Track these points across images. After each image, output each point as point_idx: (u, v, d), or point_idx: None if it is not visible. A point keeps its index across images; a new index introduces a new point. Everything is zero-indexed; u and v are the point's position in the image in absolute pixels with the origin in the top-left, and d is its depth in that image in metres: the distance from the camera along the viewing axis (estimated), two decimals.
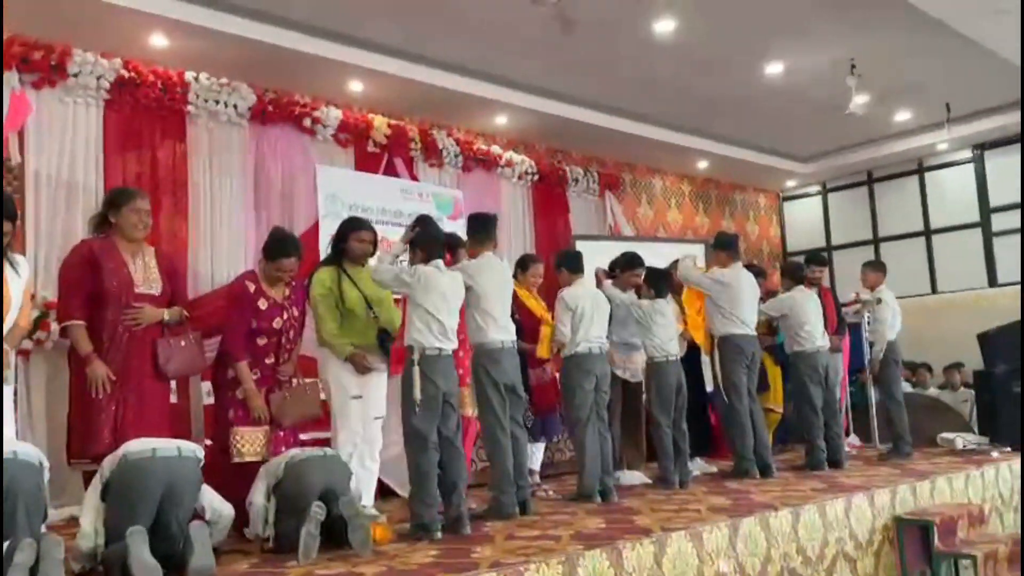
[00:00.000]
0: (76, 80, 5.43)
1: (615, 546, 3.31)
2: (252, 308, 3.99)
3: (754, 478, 5.31)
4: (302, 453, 3.68)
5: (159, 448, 3.12)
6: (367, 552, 3.35)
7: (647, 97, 7.78)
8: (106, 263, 3.73)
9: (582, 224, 8.57)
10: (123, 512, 3.07)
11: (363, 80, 6.67)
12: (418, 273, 3.87)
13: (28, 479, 2.82)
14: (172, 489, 3.12)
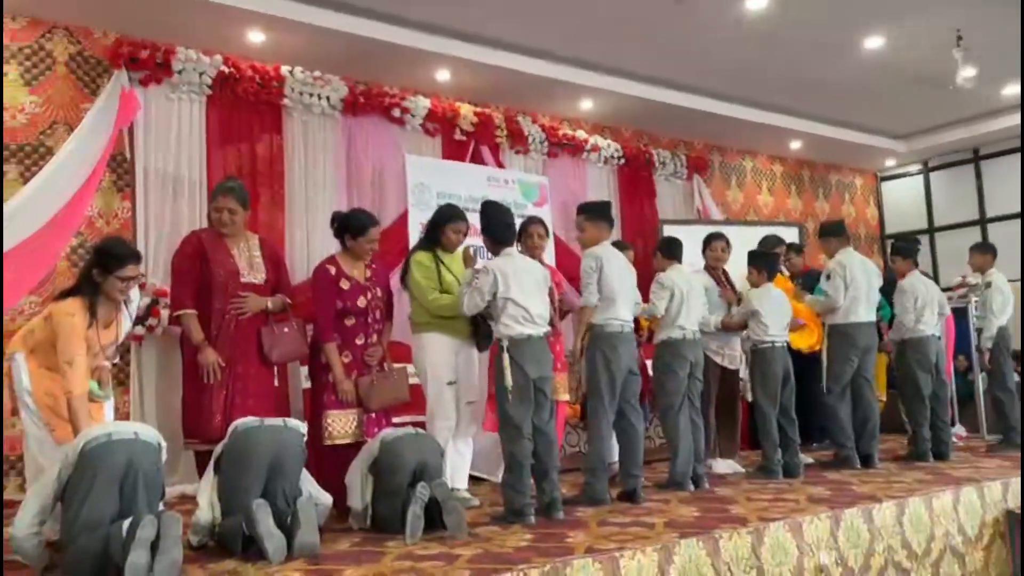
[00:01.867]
0: (180, 77, 5.67)
1: (711, 535, 3.28)
2: (336, 289, 4.10)
3: (855, 468, 5.15)
4: (396, 432, 3.77)
5: (266, 420, 3.27)
6: (463, 534, 3.41)
7: (737, 77, 7.58)
8: (213, 254, 3.91)
9: (669, 208, 8.44)
10: (234, 482, 3.22)
11: (450, 68, 6.73)
12: (489, 267, 3.89)
13: (148, 459, 2.98)
14: (278, 459, 3.25)
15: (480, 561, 2.96)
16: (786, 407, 5.08)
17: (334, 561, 3.06)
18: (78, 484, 2.87)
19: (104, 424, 2.91)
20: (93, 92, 5.52)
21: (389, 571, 2.86)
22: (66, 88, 5.50)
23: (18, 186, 5.15)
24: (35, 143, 5.36)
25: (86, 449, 2.88)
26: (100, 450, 2.86)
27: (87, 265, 3.58)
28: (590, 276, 4.22)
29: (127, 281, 3.48)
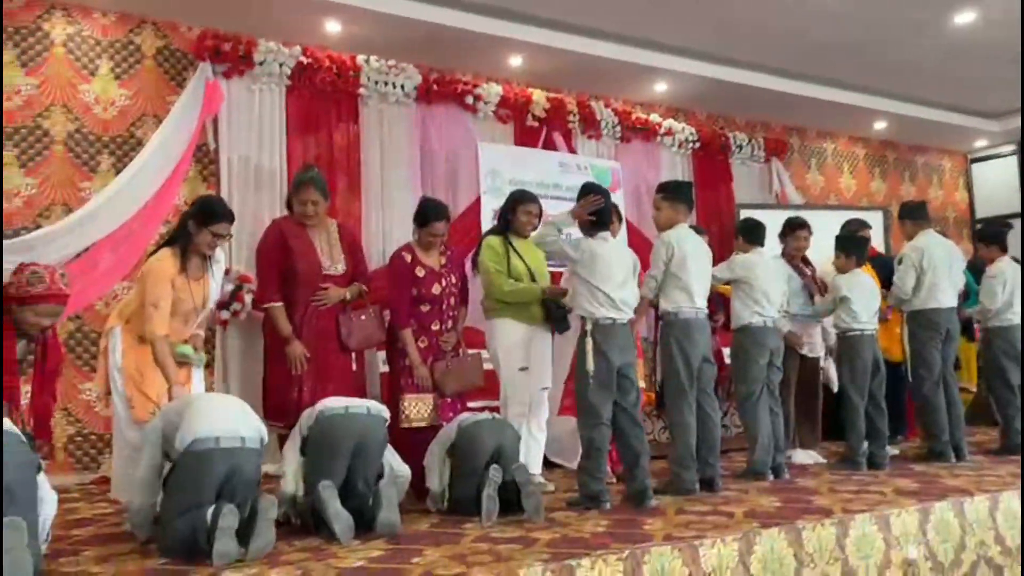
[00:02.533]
0: (261, 68, 5.81)
1: (794, 525, 3.21)
2: (411, 277, 4.17)
3: (948, 461, 4.96)
4: (474, 416, 3.81)
5: (351, 406, 3.33)
6: (540, 518, 3.43)
7: (817, 55, 7.33)
8: (296, 246, 4.00)
9: (746, 192, 8.24)
10: (319, 465, 3.31)
11: (523, 54, 6.71)
12: (583, 246, 3.87)
13: (250, 465, 3.04)
14: (362, 445, 3.31)
15: (557, 545, 2.96)
16: (876, 397, 4.92)
17: (413, 541, 3.11)
18: (178, 480, 2.97)
19: (213, 421, 2.97)
20: (179, 85, 5.71)
21: (468, 552, 2.89)
22: (154, 81, 5.70)
23: (111, 176, 5.38)
24: (126, 135, 5.58)
25: (192, 450, 2.92)
26: (205, 456, 2.91)
27: (183, 217, 3.74)
28: (657, 264, 4.13)
29: (217, 238, 3.61)
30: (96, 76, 5.54)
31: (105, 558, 2.99)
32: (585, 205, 3.89)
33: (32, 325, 3.04)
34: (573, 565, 2.70)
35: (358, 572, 2.66)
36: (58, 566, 2.85)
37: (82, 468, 5.23)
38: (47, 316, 3.07)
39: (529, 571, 2.61)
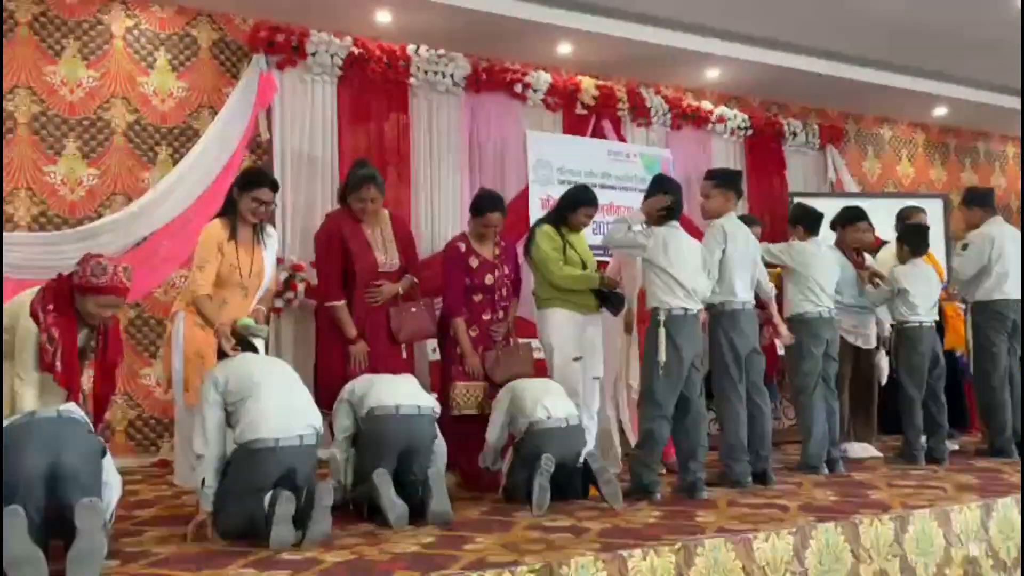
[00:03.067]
0: (313, 59, 5.87)
1: (851, 520, 3.15)
2: (465, 266, 4.19)
3: (1011, 457, 4.81)
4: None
5: (402, 406, 3.34)
6: (619, 504, 3.44)
7: (875, 39, 7.12)
8: (352, 243, 4.03)
9: (800, 181, 8.06)
10: (367, 461, 3.35)
11: (572, 41, 6.66)
12: (656, 234, 3.84)
13: (306, 463, 3.09)
14: (412, 443, 3.35)
15: (609, 535, 2.96)
16: (935, 390, 4.79)
17: (465, 528, 3.14)
18: (236, 473, 3.03)
19: (271, 419, 3.03)
20: (234, 76, 5.81)
21: (519, 540, 2.90)
22: (210, 73, 5.81)
23: (169, 167, 5.50)
24: (183, 126, 5.69)
25: (250, 447, 2.98)
26: (264, 455, 2.97)
27: (230, 187, 3.85)
28: (713, 254, 4.06)
29: (260, 203, 3.69)
30: (154, 69, 5.66)
31: (166, 538, 3.08)
32: (654, 204, 3.90)
33: (93, 315, 3.14)
34: (625, 556, 2.69)
35: (411, 557, 2.69)
36: (121, 545, 2.93)
37: (142, 451, 5.38)
38: (108, 307, 3.16)
39: (581, 560, 2.61)
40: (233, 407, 3.09)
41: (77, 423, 2.74)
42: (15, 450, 2.57)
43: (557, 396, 3.76)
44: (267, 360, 3.44)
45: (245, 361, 3.27)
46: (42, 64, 5.34)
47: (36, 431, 2.62)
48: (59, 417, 2.70)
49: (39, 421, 2.67)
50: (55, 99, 5.36)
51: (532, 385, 3.83)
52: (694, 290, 3.80)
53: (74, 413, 2.77)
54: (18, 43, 5.29)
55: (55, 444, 2.60)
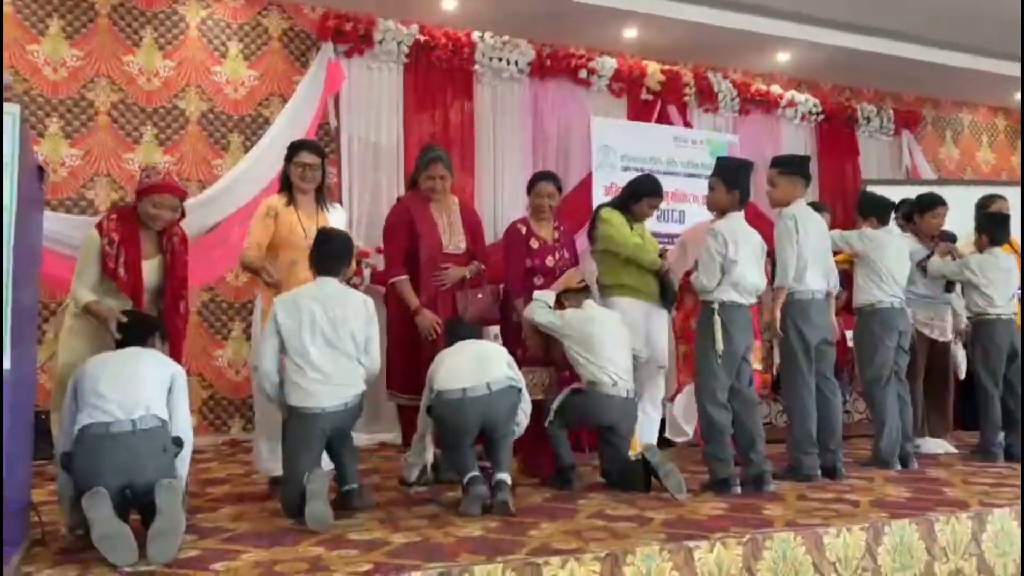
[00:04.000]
0: (380, 47, 5.95)
1: (926, 517, 3.06)
2: (526, 247, 4.20)
3: None
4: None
5: (469, 388, 3.32)
6: (683, 495, 3.41)
7: (953, 19, 6.82)
8: (420, 224, 4.08)
9: (873, 167, 7.83)
10: (447, 437, 3.45)
11: (638, 25, 6.58)
12: (719, 233, 3.74)
13: (347, 422, 3.25)
14: (488, 422, 3.36)
15: (674, 526, 2.93)
16: (1013, 384, 4.61)
17: (528, 514, 3.14)
18: (291, 437, 3.14)
19: (319, 391, 3.13)
20: (303, 65, 5.91)
21: (583, 528, 2.90)
22: (280, 61, 5.92)
23: (240, 154, 5.63)
24: (254, 114, 5.82)
25: (298, 412, 3.12)
26: (309, 418, 3.11)
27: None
28: (790, 247, 3.96)
29: (304, 167, 3.79)
30: (227, 58, 5.80)
31: (239, 515, 3.18)
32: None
33: (153, 217, 3.27)
34: (691, 547, 2.66)
35: (476, 542, 2.71)
36: (197, 521, 3.04)
37: (215, 431, 5.55)
38: (164, 207, 3.29)
39: (647, 550, 2.59)
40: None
41: (153, 438, 2.74)
42: (88, 465, 2.65)
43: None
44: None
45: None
46: (121, 54, 5.52)
47: (109, 452, 2.65)
48: (134, 432, 2.70)
49: (115, 437, 2.67)
50: (133, 88, 5.54)
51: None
52: (753, 284, 3.74)
53: (148, 423, 2.75)
54: (99, 33, 5.47)
55: (130, 466, 2.66)
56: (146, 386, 2.81)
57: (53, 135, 5.33)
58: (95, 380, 2.77)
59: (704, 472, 3.79)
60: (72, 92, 5.40)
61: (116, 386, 2.76)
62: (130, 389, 2.77)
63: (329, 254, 3.35)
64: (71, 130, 5.39)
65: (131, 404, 2.74)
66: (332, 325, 3.17)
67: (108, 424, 2.69)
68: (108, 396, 2.73)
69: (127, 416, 2.71)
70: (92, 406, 2.72)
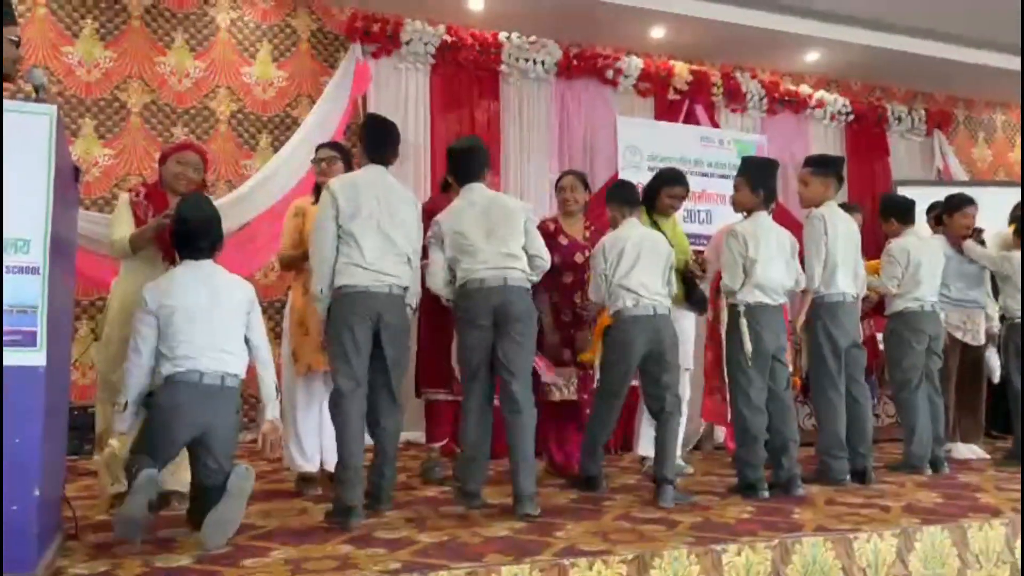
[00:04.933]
0: (408, 48, 5.98)
1: (959, 524, 3.02)
2: (553, 243, 4.13)
3: None
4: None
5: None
6: (665, 504, 3.37)
7: (986, 17, 6.71)
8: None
9: (904, 168, 7.72)
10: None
11: (665, 25, 6.54)
12: (739, 234, 3.72)
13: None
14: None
15: (702, 529, 2.91)
16: None
17: (555, 515, 3.14)
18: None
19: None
20: (331, 65, 5.95)
21: (610, 530, 2.89)
22: (308, 62, 5.97)
23: (269, 154, 5.68)
24: (282, 114, 5.87)
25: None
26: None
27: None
28: (819, 248, 3.92)
29: (321, 162, 3.82)
30: (256, 59, 5.85)
31: (267, 513, 3.20)
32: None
33: (177, 176, 3.38)
34: (719, 550, 2.64)
35: (503, 541, 2.72)
36: None
37: (242, 428, 5.58)
38: (190, 167, 3.41)
39: (675, 553, 2.58)
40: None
41: (234, 398, 2.80)
42: (171, 413, 2.71)
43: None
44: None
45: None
46: (153, 55, 5.60)
47: (198, 404, 2.72)
48: (222, 388, 2.75)
49: (205, 390, 2.72)
50: (165, 89, 5.61)
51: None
52: (779, 283, 3.70)
53: (233, 383, 2.79)
54: (131, 34, 5.55)
55: (211, 423, 2.73)
56: (234, 334, 2.86)
57: (86, 135, 5.41)
58: (188, 324, 2.76)
59: (733, 475, 3.76)
60: (105, 93, 5.48)
61: (208, 334, 2.78)
62: (219, 338, 2.80)
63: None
64: (104, 130, 5.47)
65: (221, 358, 2.78)
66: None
67: (202, 374, 2.74)
68: (201, 345, 2.75)
69: (218, 370, 2.76)
70: (184, 356, 2.74)
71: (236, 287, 2.95)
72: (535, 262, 3.38)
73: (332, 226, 3.11)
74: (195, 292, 2.84)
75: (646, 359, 3.55)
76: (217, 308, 2.84)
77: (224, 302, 2.87)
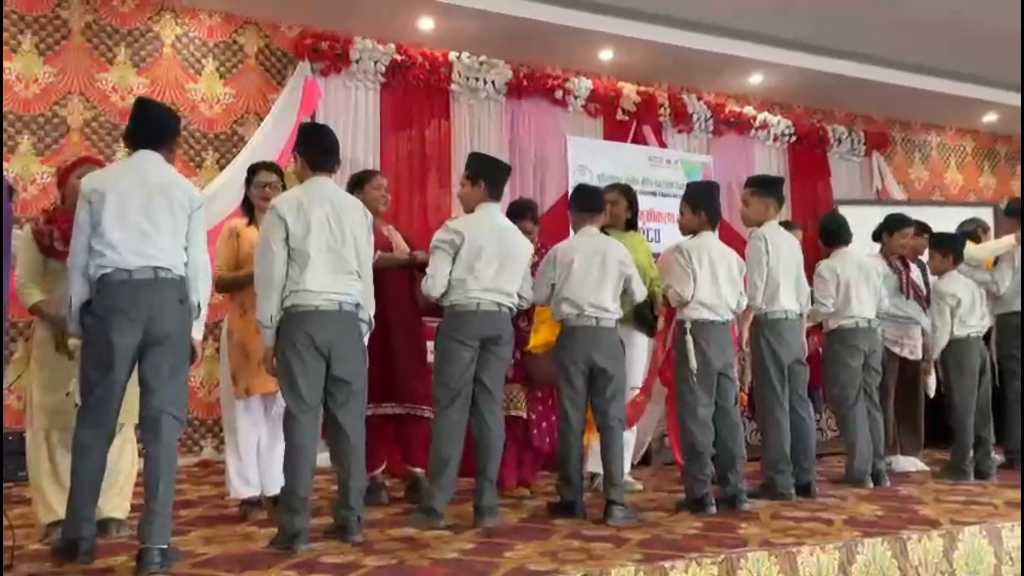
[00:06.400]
0: (357, 66, 5.97)
1: (898, 536, 3.09)
2: None
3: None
4: None
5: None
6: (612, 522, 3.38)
7: (923, 45, 6.98)
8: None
9: (844, 187, 7.96)
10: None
11: (613, 47, 6.65)
12: (684, 250, 3.79)
13: None
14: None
15: (650, 546, 2.93)
16: (981, 403, 4.67)
17: (504, 535, 3.13)
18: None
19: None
20: (280, 83, 5.91)
21: (559, 549, 2.89)
22: (256, 79, 5.92)
23: (215, 172, 5.61)
24: (229, 132, 5.80)
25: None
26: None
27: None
28: (760, 267, 3.99)
29: (265, 186, 3.74)
30: (202, 75, 5.78)
31: (210, 539, 3.13)
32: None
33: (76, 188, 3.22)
34: (666, 567, 2.66)
35: (452, 564, 2.70)
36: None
37: (186, 451, 5.47)
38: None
39: (622, 571, 2.59)
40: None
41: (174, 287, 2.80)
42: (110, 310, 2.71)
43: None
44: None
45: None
46: (94, 71, 5.48)
47: (131, 296, 2.71)
48: (156, 279, 2.75)
49: (137, 284, 2.73)
50: (107, 105, 5.49)
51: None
52: (725, 301, 3.75)
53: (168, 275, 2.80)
54: (72, 50, 5.43)
55: (153, 313, 2.72)
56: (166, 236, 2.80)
57: (24, 153, 5.27)
58: (113, 221, 2.73)
59: (682, 490, 3.80)
60: (44, 109, 5.34)
61: (137, 236, 2.74)
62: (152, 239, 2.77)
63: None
64: (43, 147, 5.33)
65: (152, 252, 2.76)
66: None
67: (130, 271, 2.71)
68: (125, 246, 2.72)
69: (147, 263, 2.73)
70: (108, 254, 2.71)
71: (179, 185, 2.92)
72: (521, 303, 3.54)
73: (281, 248, 2.98)
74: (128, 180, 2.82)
75: (590, 372, 3.57)
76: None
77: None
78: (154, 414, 2.73)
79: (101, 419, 2.71)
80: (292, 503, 2.92)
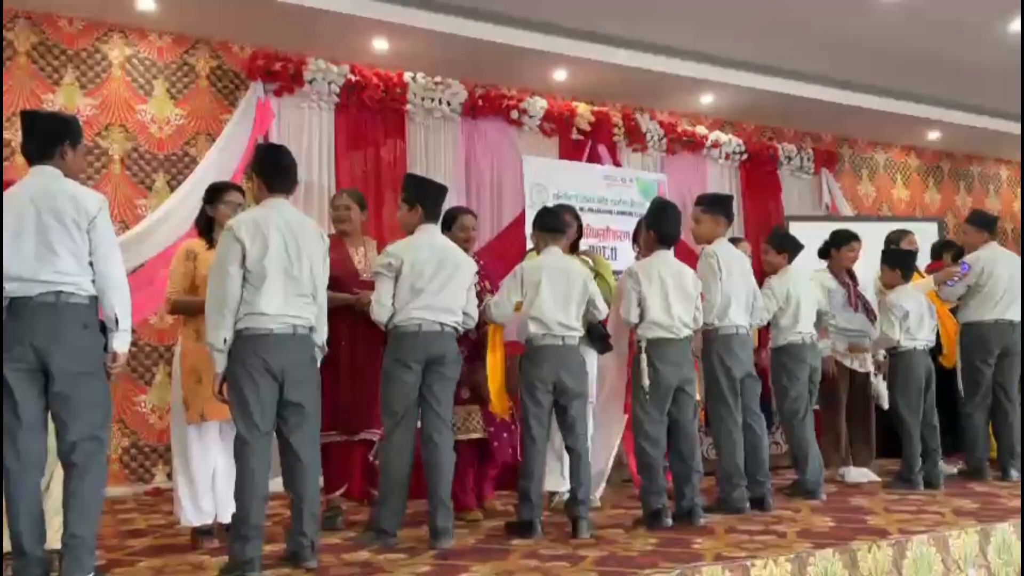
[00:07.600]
0: (311, 87, 5.94)
1: (849, 547, 3.14)
2: None
3: (986, 479, 4.83)
4: None
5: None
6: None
7: (868, 64, 7.20)
8: (334, 254, 4.00)
9: (795, 204, 8.13)
10: None
11: (567, 68, 6.73)
12: (633, 272, 3.83)
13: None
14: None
15: (606, 564, 2.94)
16: (927, 413, 4.78)
17: (460, 556, 3.11)
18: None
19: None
20: (232, 104, 5.85)
21: (516, 569, 2.88)
22: (207, 100, 5.85)
23: (166, 194, 5.53)
24: (180, 153, 5.73)
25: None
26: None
27: (202, 206, 3.80)
28: (714, 285, 4.05)
29: (236, 206, 3.67)
30: (152, 96, 5.70)
31: (160, 569, 3.05)
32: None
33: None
34: None
35: None
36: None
37: (136, 479, 5.35)
38: None
39: None
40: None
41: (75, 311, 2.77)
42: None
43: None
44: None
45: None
46: (40, 92, 5.38)
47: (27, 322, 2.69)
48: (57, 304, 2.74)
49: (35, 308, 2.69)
50: None
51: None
52: (679, 319, 3.79)
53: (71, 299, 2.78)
54: (17, 71, 5.33)
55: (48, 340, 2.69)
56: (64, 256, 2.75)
57: None
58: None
59: (639, 507, 3.81)
60: None
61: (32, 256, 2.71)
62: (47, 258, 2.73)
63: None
64: None
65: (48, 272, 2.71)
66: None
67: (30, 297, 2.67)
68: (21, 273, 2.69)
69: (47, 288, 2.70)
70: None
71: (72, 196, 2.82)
72: (466, 320, 3.53)
73: (236, 271, 2.94)
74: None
75: (554, 389, 3.58)
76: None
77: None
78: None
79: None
80: (243, 530, 2.86)
